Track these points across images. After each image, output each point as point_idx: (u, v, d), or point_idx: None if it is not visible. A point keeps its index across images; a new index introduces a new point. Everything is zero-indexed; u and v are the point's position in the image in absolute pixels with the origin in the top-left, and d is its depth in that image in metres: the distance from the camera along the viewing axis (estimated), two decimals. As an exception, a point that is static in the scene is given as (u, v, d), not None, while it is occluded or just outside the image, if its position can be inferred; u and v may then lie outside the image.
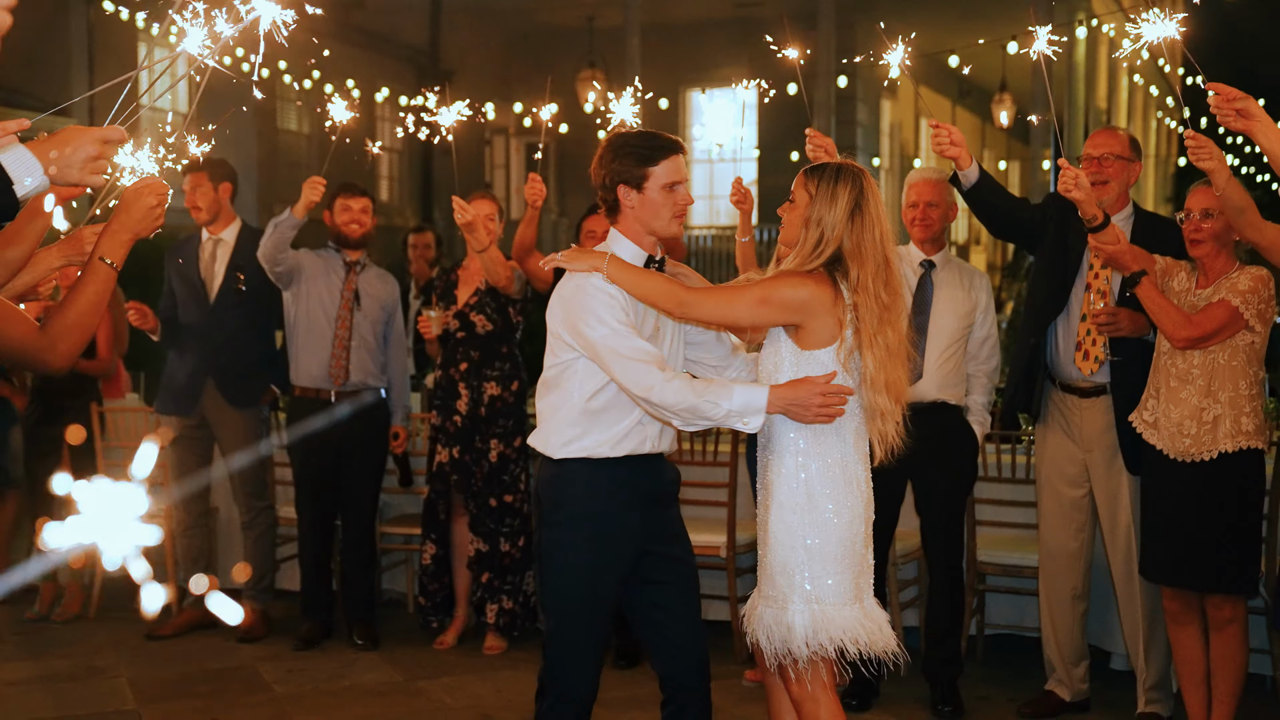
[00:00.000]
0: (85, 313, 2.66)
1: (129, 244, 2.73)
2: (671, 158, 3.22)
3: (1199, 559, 4.04)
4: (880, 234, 3.14)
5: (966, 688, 4.80)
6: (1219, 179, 3.77)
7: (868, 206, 3.13)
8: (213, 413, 5.71)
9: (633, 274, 3.15)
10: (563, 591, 3.24)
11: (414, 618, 5.95)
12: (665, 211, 3.24)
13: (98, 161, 2.50)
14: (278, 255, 5.38)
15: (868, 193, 3.15)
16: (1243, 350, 4.03)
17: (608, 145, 3.28)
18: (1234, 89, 3.38)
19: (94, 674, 5.22)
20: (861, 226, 3.12)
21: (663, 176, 3.21)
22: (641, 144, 3.23)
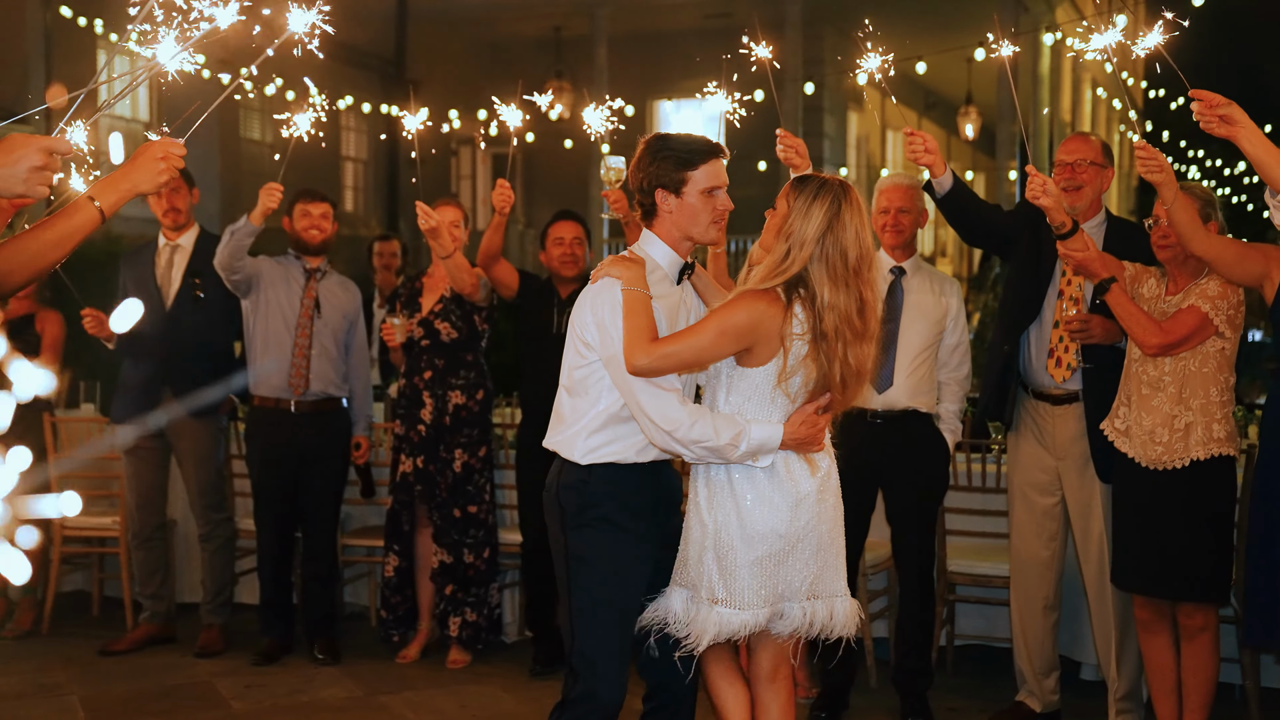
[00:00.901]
0: (52, 243, 2.52)
1: (126, 195, 2.63)
2: (711, 162, 3.16)
3: (1171, 567, 4.01)
4: (856, 256, 3.05)
5: (936, 699, 4.74)
6: (1167, 192, 3.74)
7: (843, 227, 3.05)
8: (170, 422, 5.58)
9: (631, 309, 3.07)
10: (593, 593, 3.16)
11: (376, 632, 5.83)
12: (704, 217, 3.19)
13: (43, 172, 2.40)
14: (234, 263, 5.27)
15: (846, 213, 3.06)
16: (1213, 357, 4.00)
17: (646, 148, 3.21)
18: (1217, 95, 3.35)
19: (44, 692, 5.07)
20: (833, 247, 3.04)
21: (702, 181, 3.16)
22: (681, 147, 3.17)
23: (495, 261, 5.28)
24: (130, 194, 2.64)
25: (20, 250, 2.51)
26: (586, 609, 3.17)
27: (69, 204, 2.60)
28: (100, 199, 2.57)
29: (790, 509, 3.08)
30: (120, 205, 2.62)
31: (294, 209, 5.52)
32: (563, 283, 5.35)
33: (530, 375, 5.30)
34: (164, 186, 2.76)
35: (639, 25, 17.18)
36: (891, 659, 4.86)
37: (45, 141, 2.37)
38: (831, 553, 3.17)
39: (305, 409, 5.46)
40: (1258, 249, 3.87)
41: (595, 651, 3.15)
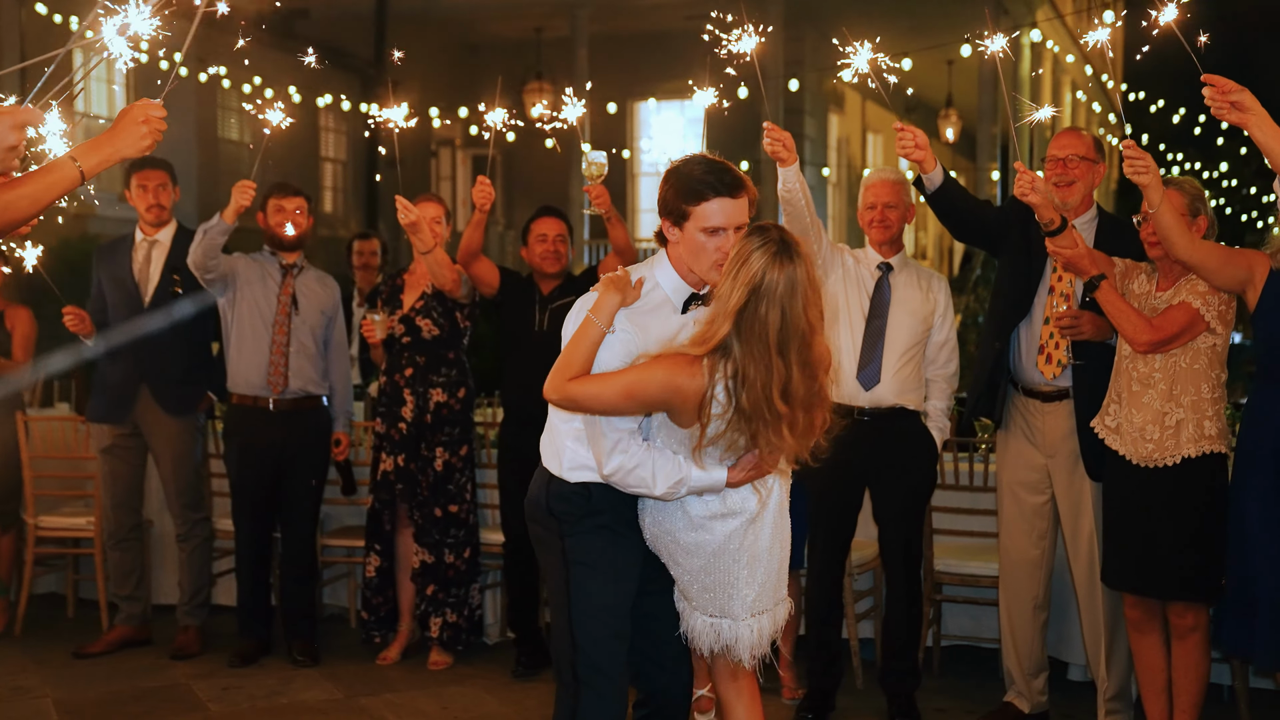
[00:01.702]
0: (28, 197, 2.46)
1: (109, 159, 2.57)
2: (718, 199, 2.92)
3: (1161, 566, 3.97)
4: (780, 332, 2.76)
5: (923, 700, 4.70)
6: (1154, 195, 3.71)
7: (769, 300, 2.75)
8: (146, 420, 5.49)
9: (576, 337, 2.96)
10: (596, 598, 3.07)
11: (356, 633, 5.75)
12: (704, 257, 2.97)
13: (16, 149, 2.34)
14: (209, 262, 5.18)
15: (777, 282, 2.76)
16: (1204, 353, 3.97)
17: (668, 169, 3.02)
18: (1230, 81, 3.32)
19: (17, 694, 4.97)
20: (755, 320, 2.76)
21: (703, 218, 2.93)
22: (689, 176, 2.95)
23: (476, 259, 5.22)
24: (114, 158, 2.58)
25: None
26: (590, 615, 3.07)
27: (50, 161, 2.54)
28: (82, 160, 2.51)
29: (723, 528, 3.00)
30: (101, 169, 2.57)
31: (267, 204, 5.43)
32: (544, 279, 5.29)
33: (512, 373, 5.24)
34: (147, 150, 2.67)
35: (619, 26, 17.13)
36: (878, 660, 4.81)
37: (19, 117, 2.31)
38: (773, 567, 3.08)
39: (284, 407, 5.37)
40: (1241, 254, 3.86)
41: (601, 658, 3.07)
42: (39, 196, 2.51)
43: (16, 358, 5.89)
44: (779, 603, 3.13)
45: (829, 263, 4.61)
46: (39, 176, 2.52)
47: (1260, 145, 3.38)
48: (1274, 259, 3.85)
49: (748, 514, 3.00)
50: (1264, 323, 3.83)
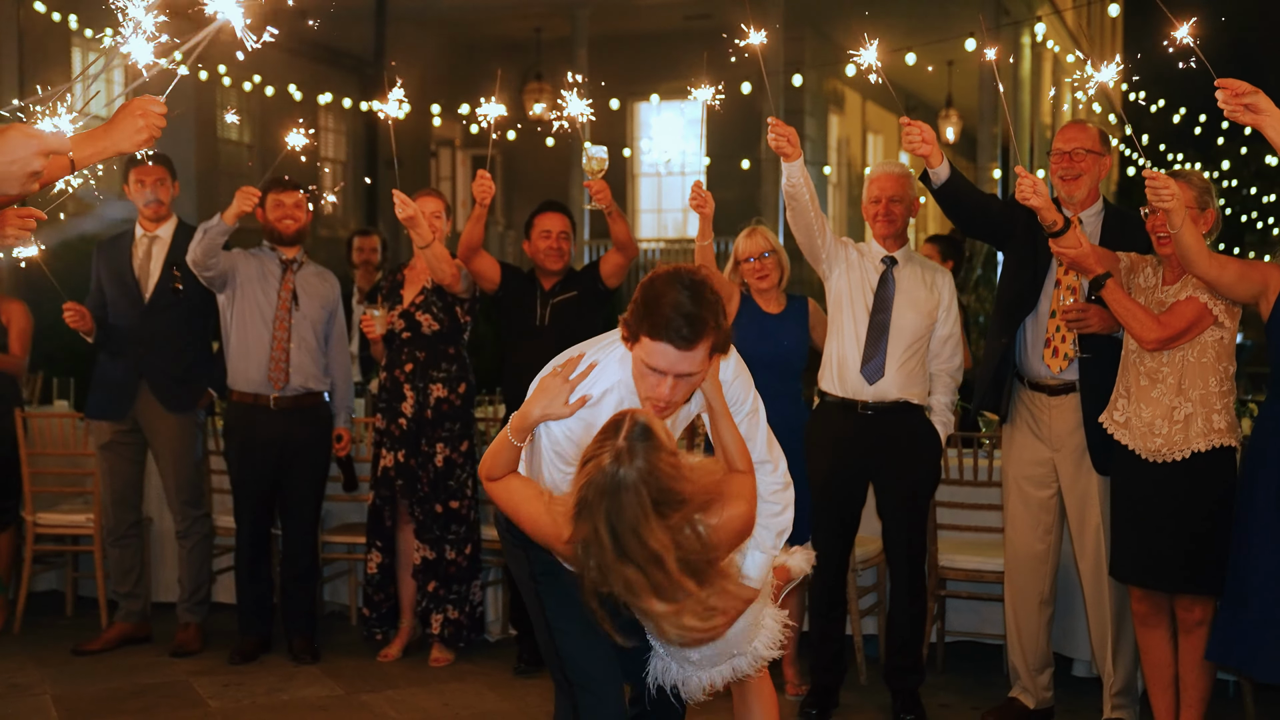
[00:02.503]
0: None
1: (104, 152, 2.52)
2: (669, 345, 2.70)
3: (1169, 559, 3.95)
4: (622, 540, 2.51)
5: (927, 696, 4.67)
6: (1175, 218, 3.69)
7: (596, 506, 2.54)
8: (146, 417, 5.46)
9: (500, 444, 2.91)
10: (569, 607, 2.97)
11: (357, 631, 5.73)
12: (642, 386, 2.83)
13: (38, 175, 2.30)
14: (208, 260, 5.15)
15: (599, 489, 2.53)
16: (1212, 347, 3.95)
17: (650, 276, 2.79)
18: (1244, 83, 3.31)
19: (16, 691, 4.94)
20: (587, 526, 2.56)
21: (648, 354, 2.75)
22: (658, 307, 2.71)
23: (476, 254, 5.19)
24: (109, 151, 2.53)
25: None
26: (570, 622, 3.03)
27: None
28: (75, 149, 2.47)
29: None
30: (95, 160, 2.52)
31: (266, 199, 5.37)
32: (546, 275, 5.26)
33: (513, 368, 5.21)
34: (145, 145, 2.63)
35: (619, 27, 17.11)
36: (882, 656, 4.78)
37: (45, 143, 2.25)
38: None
39: (285, 404, 5.34)
40: (1256, 267, 3.85)
41: (589, 663, 3.04)
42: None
43: (14, 352, 5.87)
44: (740, 654, 3.11)
45: (833, 256, 4.59)
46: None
47: (1275, 144, 3.37)
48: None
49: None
50: (1277, 335, 3.81)
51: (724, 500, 2.70)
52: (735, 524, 2.74)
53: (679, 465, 2.58)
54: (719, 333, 2.75)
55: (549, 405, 2.87)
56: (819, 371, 4.68)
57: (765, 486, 2.98)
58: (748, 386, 3.00)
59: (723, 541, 2.69)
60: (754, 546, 2.98)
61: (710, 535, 2.61)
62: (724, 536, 2.69)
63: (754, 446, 2.99)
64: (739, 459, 2.90)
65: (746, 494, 2.85)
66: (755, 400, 3.02)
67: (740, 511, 2.77)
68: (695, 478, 2.59)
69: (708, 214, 4.49)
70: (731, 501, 2.74)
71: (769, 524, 2.99)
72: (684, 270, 2.78)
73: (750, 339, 4.80)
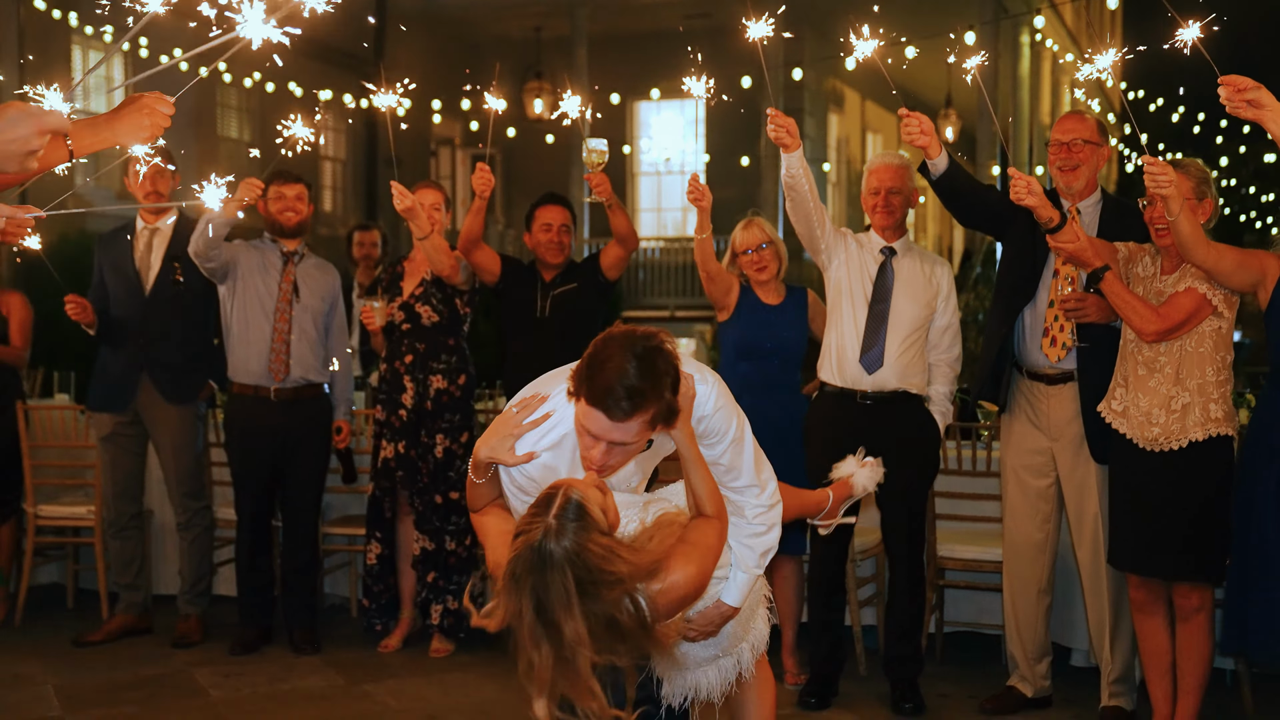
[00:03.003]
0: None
1: (104, 143, 2.49)
2: (602, 413, 2.58)
3: (1167, 547, 3.97)
4: (548, 617, 2.42)
5: (926, 685, 4.68)
6: (1174, 205, 3.71)
7: (522, 584, 2.44)
8: (147, 409, 5.48)
9: (471, 484, 2.88)
10: None
11: (357, 622, 5.74)
12: (580, 442, 2.72)
13: (36, 154, 2.30)
14: (209, 251, 5.17)
15: (523, 568, 2.43)
16: (1209, 336, 3.97)
17: (602, 338, 2.66)
18: (1246, 79, 3.33)
19: (18, 681, 4.95)
20: (509, 604, 2.47)
21: (580, 413, 2.65)
22: (597, 376, 2.59)
23: (476, 246, 5.21)
24: (109, 143, 2.50)
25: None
26: None
27: None
28: (74, 137, 2.43)
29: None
30: (94, 150, 2.48)
31: (268, 191, 5.39)
32: (547, 267, 5.28)
33: (515, 360, 5.23)
34: (145, 142, 2.62)
35: (619, 26, 17.13)
36: (881, 646, 4.80)
37: (44, 122, 2.24)
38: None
39: (285, 396, 5.36)
40: (1254, 256, 3.87)
41: None
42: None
43: (14, 343, 5.89)
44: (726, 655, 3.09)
45: (832, 247, 4.61)
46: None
47: (1277, 138, 3.39)
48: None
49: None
50: (1276, 324, 3.83)
51: (671, 565, 2.60)
52: (681, 589, 2.62)
53: (611, 546, 2.47)
54: (662, 405, 2.61)
55: (495, 449, 2.79)
56: (818, 361, 4.70)
57: (751, 509, 2.94)
58: (730, 415, 2.86)
59: (667, 605, 2.60)
60: (736, 566, 2.93)
61: (652, 602, 2.54)
62: (668, 600, 2.60)
63: (740, 474, 2.90)
64: (708, 505, 2.80)
65: (705, 544, 2.73)
66: (739, 427, 2.88)
67: (689, 574, 2.64)
68: (630, 556, 2.49)
69: (705, 207, 4.52)
70: (680, 564, 2.62)
71: (752, 544, 2.94)
72: (639, 336, 2.62)
73: (750, 330, 4.83)
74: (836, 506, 3.51)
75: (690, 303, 17.15)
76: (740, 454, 2.89)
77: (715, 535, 2.77)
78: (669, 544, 2.62)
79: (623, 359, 2.57)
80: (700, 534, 2.74)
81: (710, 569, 2.73)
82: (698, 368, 2.85)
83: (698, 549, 2.69)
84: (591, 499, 2.50)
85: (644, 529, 2.66)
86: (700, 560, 2.68)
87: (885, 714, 4.55)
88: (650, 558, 2.55)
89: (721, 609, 2.91)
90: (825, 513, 3.50)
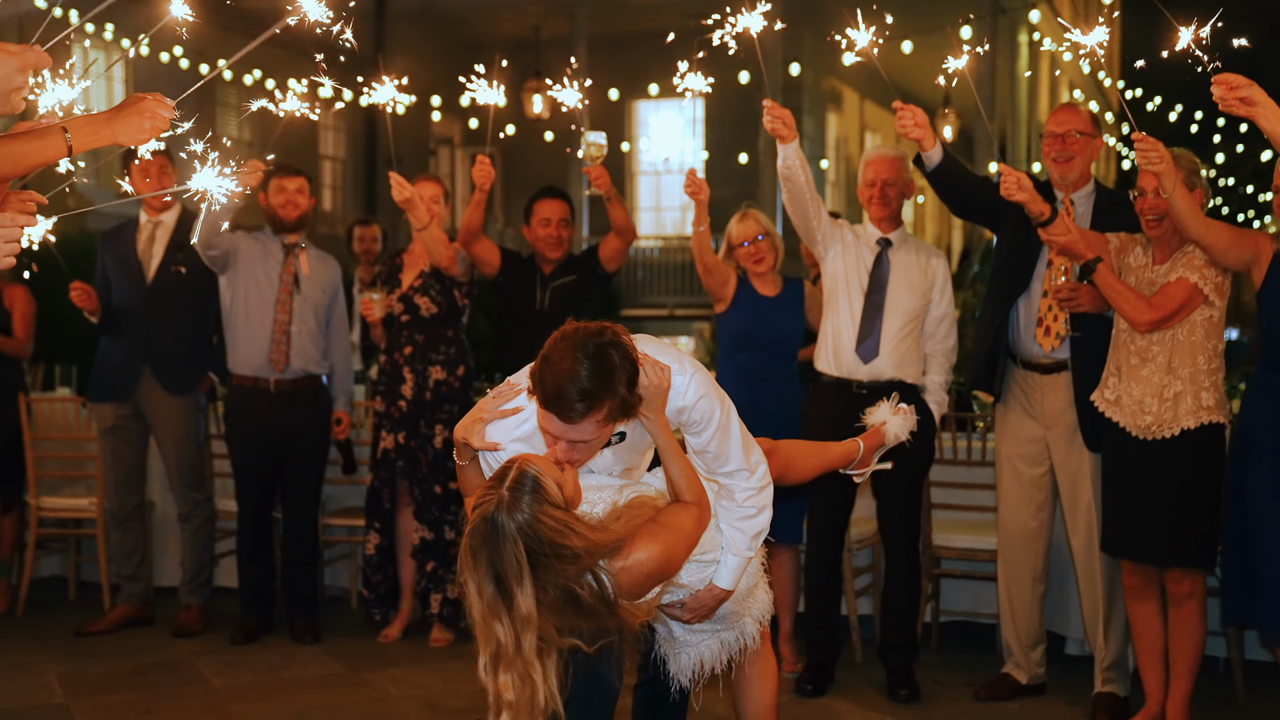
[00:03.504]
0: (9, 155, 2.40)
1: (103, 140, 2.50)
2: (548, 413, 2.64)
3: (1159, 533, 4.01)
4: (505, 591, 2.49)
5: (922, 673, 4.73)
6: (1167, 181, 3.74)
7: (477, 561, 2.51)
8: (148, 400, 5.51)
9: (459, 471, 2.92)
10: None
11: (357, 614, 5.78)
12: (544, 438, 2.76)
13: (21, 90, 2.33)
14: (211, 238, 5.22)
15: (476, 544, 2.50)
16: (1201, 325, 4.01)
17: (546, 351, 2.67)
18: (1239, 76, 3.37)
19: (20, 669, 4.99)
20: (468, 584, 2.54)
21: (539, 413, 2.68)
22: (541, 366, 2.64)
23: (476, 239, 5.25)
24: (108, 140, 2.50)
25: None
26: None
27: (42, 126, 2.51)
28: (73, 134, 2.44)
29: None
30: (92, 147, 2.49)
31: (269, 185, 5.43)
32: (546, 260, 5.32)
33: (514, 352, 5.25)
34: (143, 143, 2.62)
35: (618, 26, 17.18)
36: (877, 633, 4.85)
37: (29, 58, 2.29)
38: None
39: (285, 387, 5.40)
40: (1249, 234, 3.91)
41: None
42: (20, 158, 2.44)
43: (17, 335, 5.93)
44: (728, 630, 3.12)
45: (828, 238, 4.65)
46: (26, 139, 2.45)
47: (1271, 136, 3.43)
48: (1277, 241, 3.90)
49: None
50: (1268, 305, 3.87)
51: (635, 544, 2.63)
52: (645, 567, 2.64)
53: (566, 520, 2.51)
54: (616, 401, 2.63)
55: (468, 431, 2.83)
56: (815, 351, 4.74)
57: (741, 492, 2.96)
58: (712, 403, 2.87)
59: (630, 583, 2.63)
60: (728, 550, 2.96)
61: (615, 579, 2.58)
62: (632, 579, 2.63)
63: (729, 459, 2.92)
64: (686, 492, 2.83)
65: (676, 526, 2.75)
66: (723, 413, 2.89)
67: (653, 553, 2.66)
68: (588, 532, 2.53)
69: (703, 200, 4.58)
70: (644, 543, 2.65)
71: (743, 527, 2.96)
72: (590, 335, 2.64)
73: (747, 321, 4.87)
74: (869, 455, 3.54)
75: (689, 301, 17.19)
76: (727, 440, 2.91)
77: (690, 519, 2.80)
78: (636, 524, 2.66)
79: (573, 362, 2.59)
80: (673, 516, 2.77)
81: (679, 551, 2.76)
82: (676, 358, 2.86)
83: (667, 530, 2.72)
84: (546, 473, 2.55)
85: (613, 509, 2.71)
86: (668, 541, 2.71)
87: (881, 701, 4.59)
88: (611, 536, 2.59)
89: (715, 592, 2.94)
90: (858, 461, 3.52)
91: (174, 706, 4.54)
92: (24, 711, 4.49)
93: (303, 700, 4.62)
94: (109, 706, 4.53)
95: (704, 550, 2.89)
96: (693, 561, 2.87)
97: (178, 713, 4.48)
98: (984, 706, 4.51)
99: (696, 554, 2.87)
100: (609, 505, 2.74)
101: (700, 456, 2.93)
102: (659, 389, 2.75)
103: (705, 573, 2.92)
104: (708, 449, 2.91)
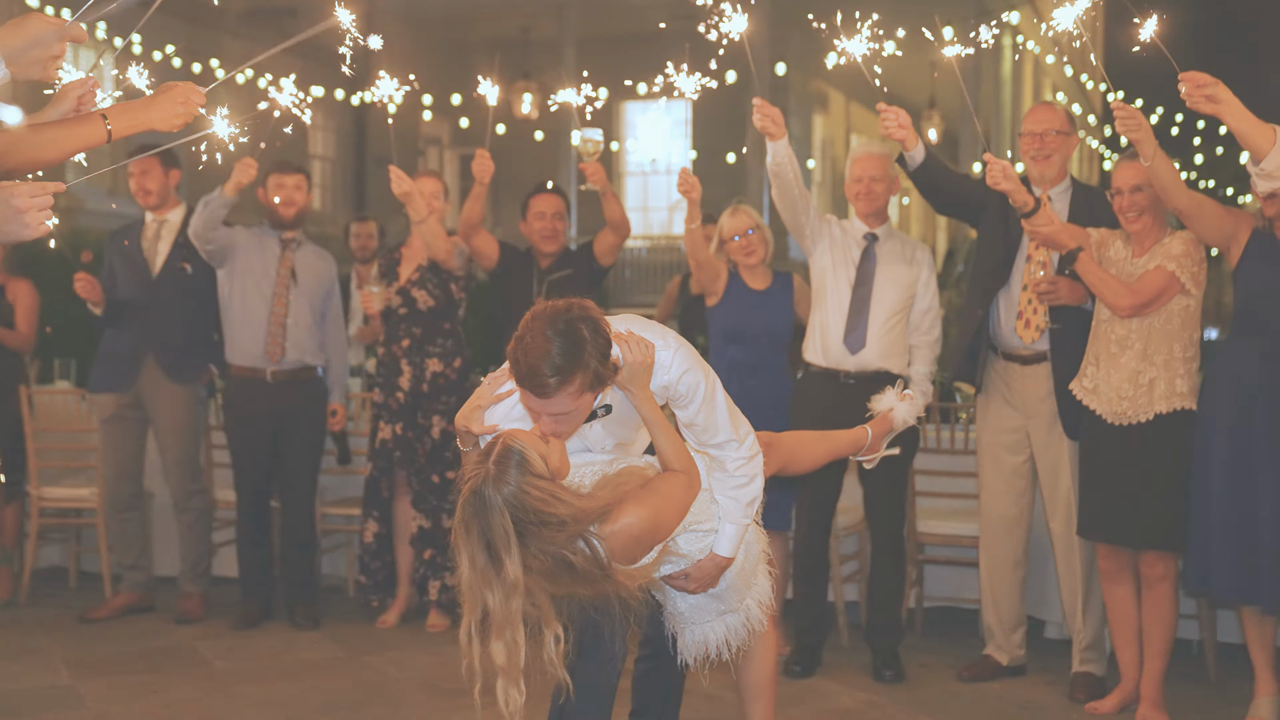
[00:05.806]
0: (54, 141, 2.53)
1: (139, 126, 2.64)
2: (525, 391, 2.76)
3: (1133, 518, 4.17)
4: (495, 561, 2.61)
5: (906, 656, 4.87)
6: (1146, 149, 3.90)
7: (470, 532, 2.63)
8: (149, 390, 5.61)
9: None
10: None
11: (355, 601, 5.89)
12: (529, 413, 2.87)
13: (58, 59, 2.44)
14: (208, 233, 5.33)
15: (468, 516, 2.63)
16: (1177, 314, 4.17)
17: (518, 334, 2.77)
18: (1205, 75, 3.52)
19: (27, 653, 5.10)
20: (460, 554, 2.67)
21: (524, 398, 2.81)
22: (515, 347, 2.74)
23: (475, 231, 5.38)
24: (144, 125, 2.65)
25: (19, 139, 2.50)
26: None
27: (82, 114, 2.63)
28: (112, 120, 2.58)
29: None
30: (130, 132, 2.63)
31: (267, 181, 5.55)
32: (542, 254, 5.46)
33: (511, 344, 5.38)
34: (176, 128, 2.75)
35: (607, 27, 17.30)
36: (863, 617, 4.98)
37: (68, 30, 2.39)
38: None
39: (282, 378, 5.51)
40: (1231, 211, 4.08)
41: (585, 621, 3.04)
42: (64, 143, 2.57)
43: (20, 329, 6.02)
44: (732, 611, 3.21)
45: (816, 233, 4.79)
46: (69, 125, 2.58)
47: (1235, 131, 3.58)
48: (1257, 218, 4.06)
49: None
50: (1243, 279, 4.04)
51: (623, 509, 2.75)
52: (634, 530, 2.77)
53: (552, 490, 2.62)
54: (589, 374, 2.72)
55: (467, 417, 2.95)
56: (804, 343, 4.88)
57: (732, 463, 3.07)
58: (697, 376, 2.96)
59: (621, 547, 2.76)
60: (724, 519, 3.06)
61: (606, 544, 2.71)
62: (622, 542, 2.76)
63: (717, 431, 3.01)
64: (675, 462, 2.94)
65: (665, 491, 2.87)
66: (709, 386, 2.98)
67: (641, 516, 2.77)
68: (573, 500, 2.65)
69: (695, 198, 4.71)
70: (632, 508, 2.76)
71: (736, 495, 3.07)
72: (560, 311, 2.74)
73: (738, 314, 5.01)
74: (878, 441, 3.67)
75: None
76: (714, 412, 3.01)
77: (678, 485, 2.92)
78: (624, 491, 2.79)
79: (543, 339, 2.69)
80: (661, 482, 2.91)
81: (667, 514, 2.88)
82: (660, 333, 2.97)
83: (655, 495, 2.85)
84: (530, 446, 2.68)
85: (602, 479, 2.84)
86: (655, 505, 2.84)
87: (867, 681, 4.73)
88: (598, 502, 2.72)
89: (716, 560, 3.06)
90: (868, 447, 3.65)
91: (179, 688, 4.66)
92: (33, 692, 4.60)
93: (305, 681, 4.74)
94: (116, 687, 4.65)
95: (701, 520, 3.02)
96: (691, 531, 3.00)
97: (183, 693, 4.60)
98: (967, 686, 4.66)
99: (694, 524, 3.00)
100: (599, 476, 2.87)
101: (689, 430, 3.05)
102: (643, 365, 2.87)
103: (705, 541, 3.05)
104: (695, 421, 3.02)
